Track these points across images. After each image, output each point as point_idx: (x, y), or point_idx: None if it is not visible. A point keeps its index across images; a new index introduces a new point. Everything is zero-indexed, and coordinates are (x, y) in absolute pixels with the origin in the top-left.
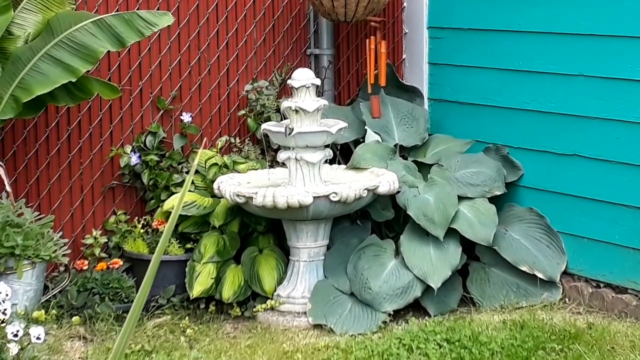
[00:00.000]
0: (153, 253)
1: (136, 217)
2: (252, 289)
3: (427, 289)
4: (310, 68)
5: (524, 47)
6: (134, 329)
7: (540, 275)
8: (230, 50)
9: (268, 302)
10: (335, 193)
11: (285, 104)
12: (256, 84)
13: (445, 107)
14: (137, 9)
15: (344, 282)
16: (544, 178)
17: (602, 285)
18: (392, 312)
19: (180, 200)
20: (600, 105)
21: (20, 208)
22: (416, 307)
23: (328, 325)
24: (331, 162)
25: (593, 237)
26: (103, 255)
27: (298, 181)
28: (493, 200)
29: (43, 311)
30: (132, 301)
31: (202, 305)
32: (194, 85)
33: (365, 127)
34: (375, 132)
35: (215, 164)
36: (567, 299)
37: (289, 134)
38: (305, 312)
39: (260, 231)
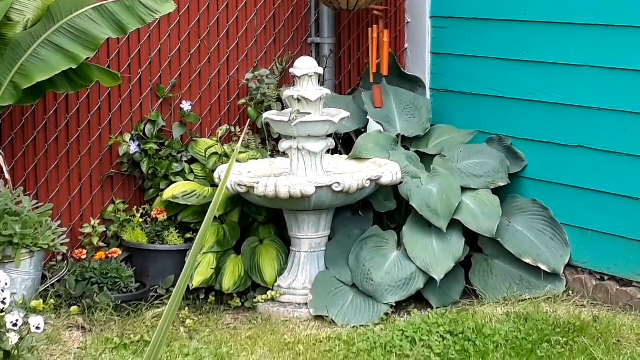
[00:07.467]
0: (152, 242)
1: (135, 207)
2: (253, 280)
3: (430, 280)
4: (311, 57)
5: (529, 37)
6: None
7: (543, 268)
8: (231, 39)
9: (269, 293)
10: (338, 183)
11: (287, 92)
12: (257, 72)
13: (448, 97)
14: None
15: (346, 273)
16: (548, 169)
17: (606, 277)
18: (394, 304)
19: (230, 168)
20: (606, 96)
21: (19, 196)
22: (418, 299)
23: (329, 316)
24: (332, 152)
25: (597, 229)
26: (101, 244)
27: (300, 171)
28: (496, 191)
29: (41, 301)
30: (131, 291)
31: (202, 296)
32: (194, 74)
33: (367, 117)
34: (377, 122)
35: (216, 153)
36: (570, 292)
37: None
38: (306, 304)
39: (260, 221)
